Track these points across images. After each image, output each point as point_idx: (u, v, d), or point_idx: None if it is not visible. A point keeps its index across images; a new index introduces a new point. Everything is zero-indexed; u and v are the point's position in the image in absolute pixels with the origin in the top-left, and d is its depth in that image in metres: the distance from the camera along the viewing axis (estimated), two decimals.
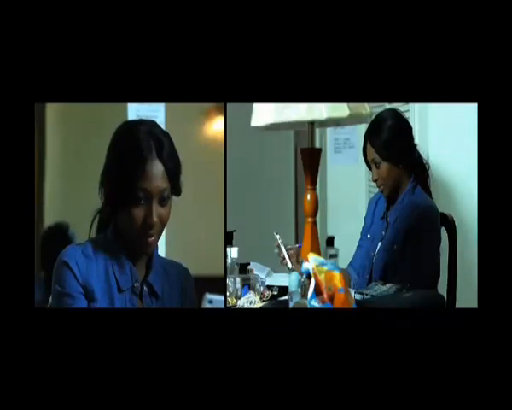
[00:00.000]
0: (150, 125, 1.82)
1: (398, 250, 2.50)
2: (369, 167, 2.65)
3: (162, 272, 1.89)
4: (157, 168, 1.76)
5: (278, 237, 2.50)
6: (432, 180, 2.66)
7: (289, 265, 2.46)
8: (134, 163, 1.75)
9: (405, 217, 2.53)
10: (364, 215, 2.80)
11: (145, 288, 1.83)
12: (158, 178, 1.76)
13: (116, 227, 1.82)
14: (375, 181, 2.62)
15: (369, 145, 2.61)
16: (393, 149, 2.55)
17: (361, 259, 2.69)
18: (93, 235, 1.88)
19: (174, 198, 1.84)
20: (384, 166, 2.56)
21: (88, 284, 1.75)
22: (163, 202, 1.78)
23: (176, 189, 1.83)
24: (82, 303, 1.74)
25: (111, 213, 1.82)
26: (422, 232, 2.48)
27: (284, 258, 2.47)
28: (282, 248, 2.48)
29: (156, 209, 1.76)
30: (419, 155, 2.64)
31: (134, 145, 1.76)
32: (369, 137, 2.61)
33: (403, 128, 2.61)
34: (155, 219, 1.76)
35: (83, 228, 1.91)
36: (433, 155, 3.00)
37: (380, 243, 2.61)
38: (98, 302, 1.75)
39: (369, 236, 2.69)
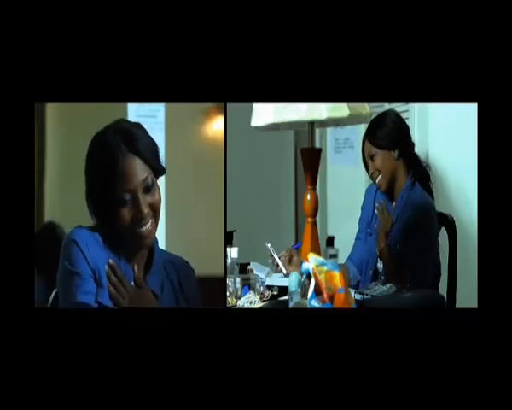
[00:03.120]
0: (116, 124, 1.82)
1: (401, 252, 2.50)
2: (367, 168, 2.64)
3: (162, 270, 1.89)
4: (132, 162, 1.76)
5: (269, 245, 2.52)
6: (433, 181, 2.66)
7: (284, 271, 2.48)
8: (107, 167, 1.75)
9: (404, 214, 2.53)
10: (361, 205, 2.78)
11: None
12: (136, 172, 1.76)
13: (112, 230, 1.82)
14: (372, 175, 2.61)
15: (366, 142, 2.61)
16: (388, 138, 2.57)
17: (361, 252, 2.68)
18: None
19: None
20: (379, 155, 2.56)
21: (97, 268, 1.75)
22: (148, 189, 1.78)
23: (158, 170, 1.83)
24: (91, 286, 1.74)
25: (103, 223, 1.82)
26: (419, 231, 2.48)
27: (278, 265, 2.49)
28: (275, 256, 2.51)
29: (144, 200, 1.77)
30: (417, 155, 2.64)
31: (102, 151, 1.77)
32: (366, 135, 2.62)
33: (399, 123, 2.63)
34: (145, 210, 1.76)
35: None
36: (433, 155, 3.00)
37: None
38: (106, 290, 1.75)
39: (369, 230, 2.69)
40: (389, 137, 2.57)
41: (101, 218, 1.80)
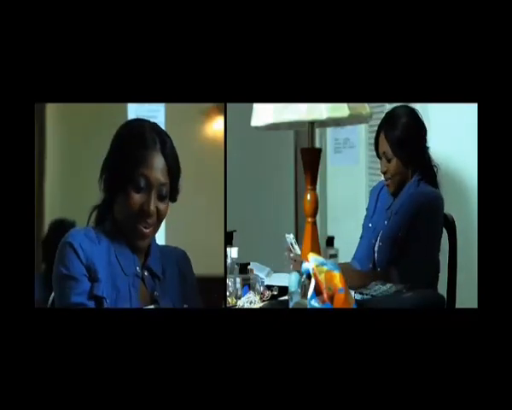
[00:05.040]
0: (154, 124, 1.90)
1: (401, 239, 2.49)
2: (379, 157, 2.65)
3: (161, 256, 1.93)
4: (159, 161, 1.82)
5: (292, 236, 2.45)
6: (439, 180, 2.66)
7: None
8: (137, 150, 1.80)
9: (409, 205, 2.53)
10: (366, 206, 2.79)
11: (146, 273, 1.87)
12: (158, 170, 1.81)
13: (114, 219, 1.84)
14: (384, 173, 2.63)
15: (382, 137, 2.61)
16: (407, 147, 2.57)
17: (363, 249, 2.69)
18: None
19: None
20: (395, 161, 2.58)
21: (91, 264, 1.77)
22: (161, 197, 1.83)
23: (173, 191, 1.87)
24: (85, 286, 1.76)
25: (110, 202, 1.84)
26: (424, 219, 2.48)
27: (296, 260, 2.35)
28: (296, 247, 2.44)
29: (154, 201, 1.81)
30: (429, 157, 2.64)
31: (139, 135, 1.82)
32: (384, 129, 2.61)
33: (419, 128, 2.62)
34: (153, 208, 1.80)
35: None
36: (433, 155, 2.99)
37: (381, 232, 2.60)
38: (102, 283, 1.77)
39: (370, 225, 2.69)
40: (407, 149, 2.56)
41: (110, 189, 1.84)
